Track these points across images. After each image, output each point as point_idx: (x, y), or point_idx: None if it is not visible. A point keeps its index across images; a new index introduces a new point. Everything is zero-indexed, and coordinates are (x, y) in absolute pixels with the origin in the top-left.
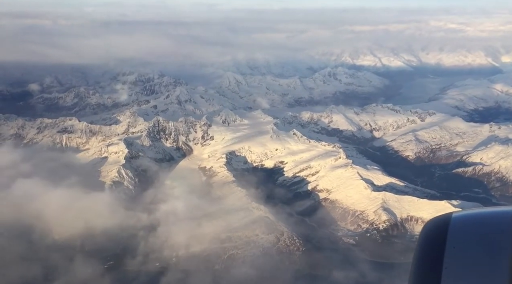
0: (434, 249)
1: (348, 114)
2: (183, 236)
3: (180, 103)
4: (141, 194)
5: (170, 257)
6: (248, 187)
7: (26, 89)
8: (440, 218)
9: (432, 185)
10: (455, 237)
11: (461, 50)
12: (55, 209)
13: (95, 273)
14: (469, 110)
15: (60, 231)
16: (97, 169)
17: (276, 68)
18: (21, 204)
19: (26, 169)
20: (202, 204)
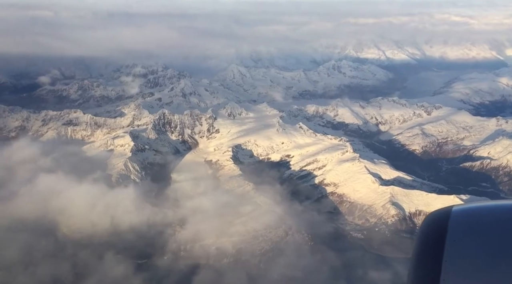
0: (435, 242)
1: (353, 108)
2: (212, 232)
3: (185, 96)
4: (150, 188)
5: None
6: (255, 181)
7: (30, 81)
8: (440, 211)
9: (439, 179)
10: (456, 230)
11: (466, 43)
12: (79, 205)
13: (126, 271)
14: (475, 104)
15: (86, 227)
16: (103, 162)
17: (280, 60)
18: (44, 199)
19: (46, 164)
20: (227, 201)
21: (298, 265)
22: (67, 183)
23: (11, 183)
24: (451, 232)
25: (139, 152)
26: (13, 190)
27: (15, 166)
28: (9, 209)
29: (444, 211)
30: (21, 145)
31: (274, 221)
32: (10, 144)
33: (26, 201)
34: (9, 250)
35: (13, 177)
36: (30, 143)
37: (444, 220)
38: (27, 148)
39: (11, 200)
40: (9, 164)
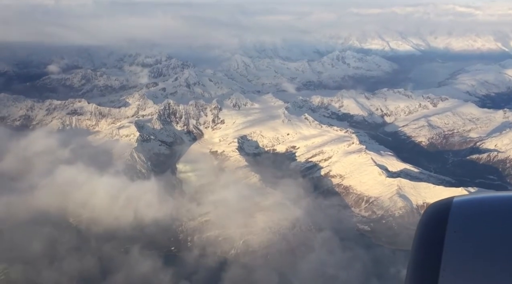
0: (435, 233)
1: (359, 99)
2: (236, 226)
3: (189, 86)
4: (159, 179)
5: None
6: (261, 172)
7: (32, 70)
8: (441, 202)
9: (446, 171)
10: (456, 221)
11: (470, 34)
12: (101, 198)
13: (154, 265)
14: (480, 96)
15: (108, 221)
16: (109, 152)
17: (283, 51)
18: (65, 191)
19: (64, 155)
20: (246, 194)
21: (307, 256)
22: (87, 175)
23: (30, 175)
24: (452, 223)
25: (145, 143)
26: (32, 182)
27: (32, 157)
28: (30, 201)
29: (445, 202)
30: (36, 136)
31: (281, 212)
32: (17, 133)
33: (47, 194)
34: (33, 244)
35: (31, 168)
36: (45, 133)
37: (444, 211)
38: (41, 139)
39: (31, 193)
40: (25, 155)
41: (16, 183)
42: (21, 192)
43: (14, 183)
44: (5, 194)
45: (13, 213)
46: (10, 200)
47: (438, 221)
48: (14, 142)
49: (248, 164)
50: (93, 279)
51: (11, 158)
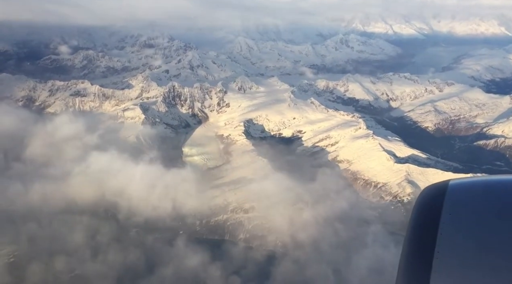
0: (430, 215)
1: (364, 83)
2: (279, 218)
3: (192, 68)
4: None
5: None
6: (268, 156)
7: (32, 49)
8: (437, 185)
9: (452, 157)
10: (451, 204)
11: (474, 18)
12: (138, 186)
13: (202, 259)
14: (485, 81)
15: (146, 210)
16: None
17: (286, 33)
18: (100, 179)
19: (92, 140)
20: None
21: (317, 242)
22: (121, 162)
23: (61, 161)
24: (447, 205)
25: (150, 125)
26: (65, 169)
27: (60, 142)
28: (64, 189)
29: (441, 185)
30: (61, 120)
31: (290, 197)
32: (40, 117)
33: (81, 181)
34: (72, 234)
35: (61, 154)
36: (68, 117)
37: (440, 193)
38: (66, 123)
39: (65, 180)
40: (53, 140)
41: (48, 170)
42: (55, 179)
43: (46, 170)
44: (38, 181)
45: (48, 201)
46: (45, 188)
47: (433, 204)
48: (38, 125)
49: (255, 148)
50: (139, 272)
51: (38, 143)
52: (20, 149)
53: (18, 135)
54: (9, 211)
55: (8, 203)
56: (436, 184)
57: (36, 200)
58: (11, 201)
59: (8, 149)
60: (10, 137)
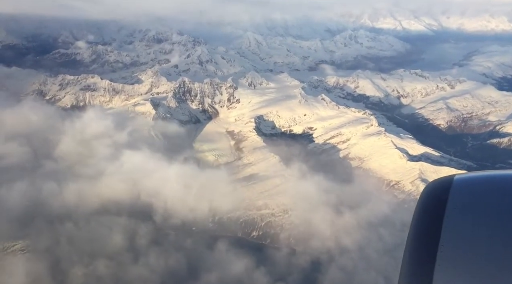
0: (434, 209)
1: (374, 80)
2: (322, 221)
3: (202, 64)
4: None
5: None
6: (280, 153)
7: (41, 43)
8: (442, 179)
9: (465, 155)
10: (456, 198)
11: (484, 15)
12: (172, 186)
13: (245, 265)
14: (497, 78)
15: (183, 212)
16: None
17: (294, 29)
18: (134, 179)
19: (123, 138)
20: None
21: (329, 240)
22: (154, 161)
23: (93, 160)
24: (452, 200)
25: (161, 121)
26: (98, 168)
27: (90, 140)
28: (98, 189)
29: (446, 179)
30: (89, 117)
31: (303, 194)
32: (66, 114)
33: (116, 181)
34: (111, 236)
35: (92, 152)
36: (95, 114)
37: (445, 188)
38: (94, 120)
39: (99, 180)
40: (82, 137)
41: (81, 169)
42: (89, 179)
43: (79, 169)
44: (72, 180)
45: (84, 202)
46: (79, 188)
47: (438, 198)
48: (66, 122)
49: (266, 145)
50: (182, 278)
51: (68, 141)
52: (50, 146)
53: (46, 132)
54: (45, 212)
55: (44, 203)
56: (441, 178)
57: (72, 200)
58: (46, 201)
59: (38, 146)
60: (38, 134)
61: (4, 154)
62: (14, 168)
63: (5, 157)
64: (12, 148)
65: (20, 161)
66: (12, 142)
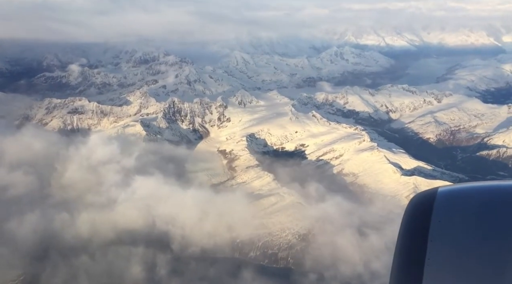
0: (420, 223)
1: (363, 95)
2: (349, 247)
3: (190, 83)
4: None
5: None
6: (274, 171)
7: (26, 67)
8: (426, 192)
9: (456, 168)
10: (441, 210)
11: (463, 29)
12: (188, 212)
13: None
14: (481, 91)
15: (202, 239)
16: None
17: (280, 47)
18: (148, 206)
19: (130, 163)
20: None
21: (329, 258)
22: (166, 186)
23: (104, 187)
24: (436, 212)
25: (151, 142)
26: (109, 195)
27: (97, 166)
28: (113, 218)
29: (430, 192)
30: (93, 142)
31: (300, 212)
32: (70, 139)
33: (129, 209)
34: (130, 268)
35: (102, 179)
36: (100, 139)
37: (429, 200)
38: (99, 145)
39: (113, 208)
40: (89, 163)
41: (92, 197)
42: (101, 207)
43: (90, 197)
44: (84, 210)
45: (98, 232)
46: (92, 217)
47: (423, 211)
48: (69, 148)
49: (259, 163)
50: None
51: (74, 168)
52: (56, 174)
53: (50, 159)
54: (59, 244)
55: (57, 234)
56: (425, 191)
57: (85, 231)
58: (59, 232)
59: (44, 175)
60: (42, 161)
61: (9, 184)
62: (22, 199)
63: (11, 187)
64: (17, 177)
65: (27, 191)
66: (16, 171)
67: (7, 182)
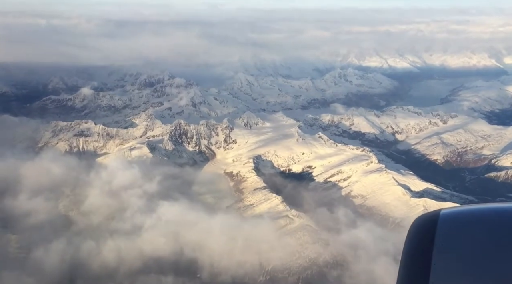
0: (423, 245)
1: (368, 117)
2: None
3: (195, 105)
4: None
5: None
6: (281, 193)
7: (31, 90)
8: (429, 214)
9: (464, 190)
10: (444, 233)
11: (465, 51)
12: (216, 239)
13: None
14: (485, 112)
15: (231, 267)
16: None
17: (283, 69)
18: (174, 232)
19: (153, 188)
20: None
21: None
22: (192, 211)
23: (128, 213)
24: (439, 235)
25: (158, 164)
26: (135, 222)
27: (119, 191)
28: (140, 245)
29: (433, 214)
30: (114, 166)
31: (310, 236)
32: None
33: (156, 236)
34: None
35: (125, 205)
36: (121, 163)
37: (432, 223)
38: (120, 170)
39: (139, 235)
40: (110, 188)
41: (117, 223)
42: (127, 234)
43: (115, 223)
44: (110, 237)
45: (125, 260)
46: (118, 245)
47: (426, 233)
48: (89, 173)
49: (266, 185)
50: None
51: (96, 193)
52: (78, 200)
53: (70, 184)
54: (86, 273)
55: (83, 263)
56: (428, 213)
57: (112, 259)
58: (86, 260)
59: (65, 200)
60: (63, 187)
61: (31, 210)
62: (45, 226)
63: (33, 214)
64: (39, 204)
65: (50, 218)
66: (37, 197)
67: (28, 208)
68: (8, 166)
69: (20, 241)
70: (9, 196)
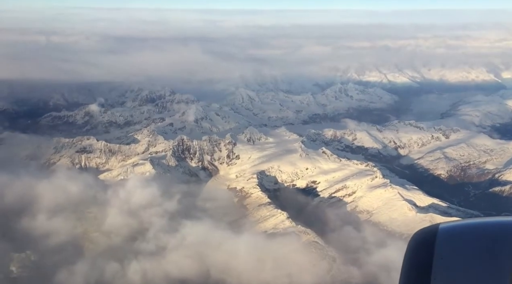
0: (422, 259)
1: (371, 131)
2: None
3: (197, 121)
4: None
5: None
6: (286, 209)
7: (32, 107)
8: (428, 228)
9: (469, 205)
10: (442, 247)
11: (464, 66)
12: (243, 259)
13: None
14: (486, 127)
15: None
16: None
17: (284, 84)
18: (200, 253)
19: (173, 206)
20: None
21: None
22: (216, 231)
23: (150, 233)
24: (438, 249)
25: (161, 180)
26: (159, 243)
27: (138, 210)
28: (165, 267)
29: (431, 229)
30: (131, 185)
31: (317, 252)
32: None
33: (181, 257)
34: None
35: (146, 225)
36: (137, 181)
37: (431, 237)
38: (137, 187)
39: (164, 256)
40: (129, 208)
41: (140, 244)
42: (151, 255)
43: (138, 244)
44: (134, 258)
45: (151, 282)
46: (143, 266)
47: (425, 247)
48: (107, 191)
49: (271, 201)
50: None
51: (115, 212)
52: (97, 220)
53: (89, 204)
54: None
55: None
56: (427, 228)
57: (137, 281)
58: (111, 283)
59: (84, 220)
60: (81, 206)
61: (51, 231)
62: (67, 247)
63: (54, 234)
64: (58, 224)
65: (70, 239)
66: (56, 217)
67: (48, 229)
68: (21, 184)
69: (42, 262)
70: (26, 216)
